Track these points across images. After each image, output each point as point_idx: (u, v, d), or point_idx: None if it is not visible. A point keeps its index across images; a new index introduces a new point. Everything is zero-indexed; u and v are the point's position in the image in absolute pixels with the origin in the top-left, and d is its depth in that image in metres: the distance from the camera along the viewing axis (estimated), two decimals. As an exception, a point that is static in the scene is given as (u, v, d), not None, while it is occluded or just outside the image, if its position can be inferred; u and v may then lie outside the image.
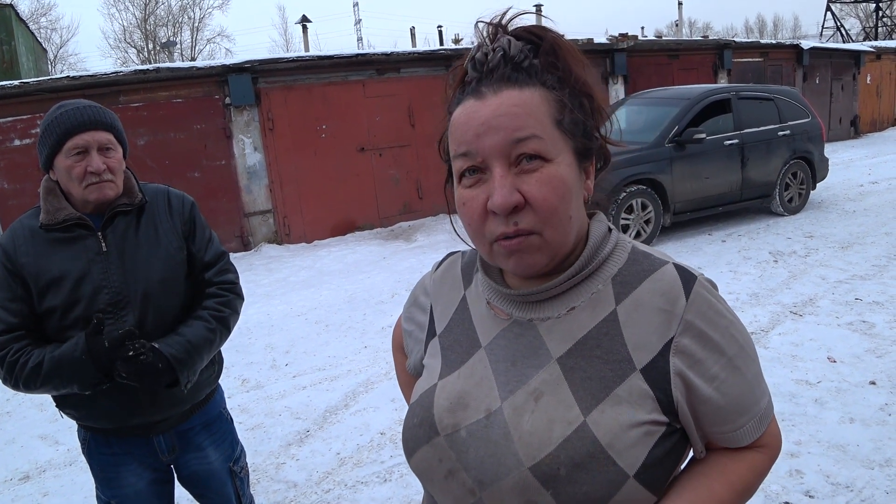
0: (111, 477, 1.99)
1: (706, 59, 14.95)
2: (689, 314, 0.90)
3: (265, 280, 7.80)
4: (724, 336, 0.92)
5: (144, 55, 39.14)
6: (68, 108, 1.81)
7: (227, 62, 9.36)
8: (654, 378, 0.89)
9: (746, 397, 0.94)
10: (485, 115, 0.89)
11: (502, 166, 0.88)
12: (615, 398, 0.88)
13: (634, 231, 7.74)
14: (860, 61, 18.36)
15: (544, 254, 0.91)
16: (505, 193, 0.86)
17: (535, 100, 0.89)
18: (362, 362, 5.00)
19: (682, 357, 0.89)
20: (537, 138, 0.88)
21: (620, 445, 0.85)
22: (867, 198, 9.94)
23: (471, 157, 0.90)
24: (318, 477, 3.48)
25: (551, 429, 0.87)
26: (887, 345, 4.59)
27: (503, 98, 0.89)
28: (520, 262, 0.91)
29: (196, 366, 1.91)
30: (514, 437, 0.89)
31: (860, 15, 47.89)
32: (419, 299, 1.18)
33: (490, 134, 0.88)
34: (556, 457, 0.85)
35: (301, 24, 18.39)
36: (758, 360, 0.97)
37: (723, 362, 0.91)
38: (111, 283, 1.84)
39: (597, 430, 0.86)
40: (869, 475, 3.13)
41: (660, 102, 8.79)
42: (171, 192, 2.05)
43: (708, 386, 0.90)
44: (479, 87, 0.91)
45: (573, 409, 0.88)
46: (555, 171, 0.88)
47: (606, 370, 0.90)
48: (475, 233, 0.93)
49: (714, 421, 0.93)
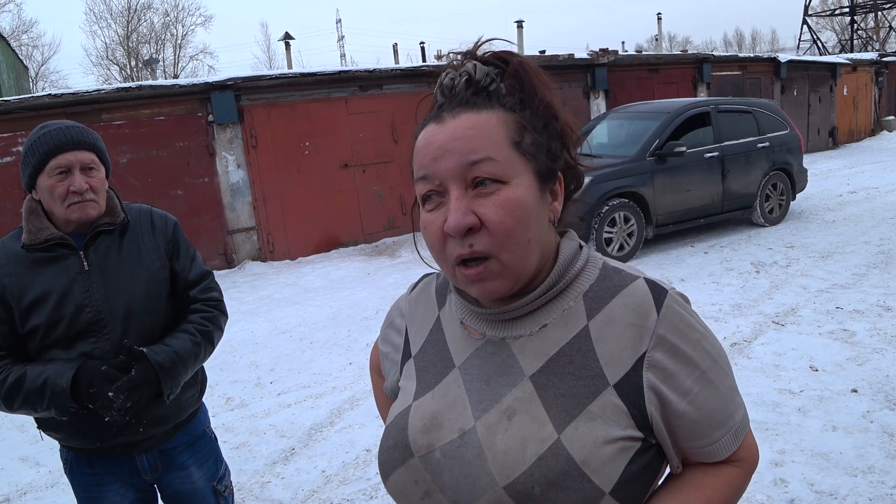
0: (94, 497, 1.97)
1: (686, 72, 15.14)
2: (661, 328, 0.90)
3: (249, 297, 7.76)
4: (696, 349, 0.92)
5: (127, 72, 39.00)
6: (51, 129, 1.82)
7: (210, 79, 9.34)
8: (627, 393, 0.89)
9: (721, 411, 0.93)
10: (441, 139, 0.90)
11: (458, 189, 0.88)
12: (588, 414, 0.88)
13: (617, 244, 7.79)
14: (836, 73, 18.66)
15: (505, 279, 0.91)
16: (458, 216, 0.87)
17: (492, 122, 0.90)
18: (347, 379, 4.98)
19: (654, 371, 0.89)
20: (491, 161, 0.88)
21: (595, 462, 0.85)
22: (846, 207, 10.07)
23: (429, 181, 0.91)
24: (303, 495, 3.46)
25: (525, 447, 0.87)
26: (868, 353, 4.64)
27: (459, 121, 0.90)
28: (483, 290, 0.92)
29: (180, 378, 1.90)
30: (488, 457, 0.88)
31: (836, 28, 48.69)
32: (395, 321, 1.19)
33: (446, 157, 0.89)
34: (530, 475, 0.85)
35: (284, 41, 18.43)
36: (731, 373, 0.97)
37: (696, 376, 0.91)
38: (93, 302, 1.84)
39: (571, 447, 0.86)
40: (852, 482, 3.15)
41: (640, 116, 8.87)
42: (153, 211, 2.05)
43: (682, 400, 0.90)
44: (440, 113, 0.92)
45: (546, 427, 0.88)
46: (511, 194, 0.88)
47: (579, 386, 0.90)
48: (437, 255, 0.93)
49: (689, 435, 0.92)
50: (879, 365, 4.42)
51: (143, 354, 1.80)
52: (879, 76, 20.92)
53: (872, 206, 10.02)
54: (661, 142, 8.15)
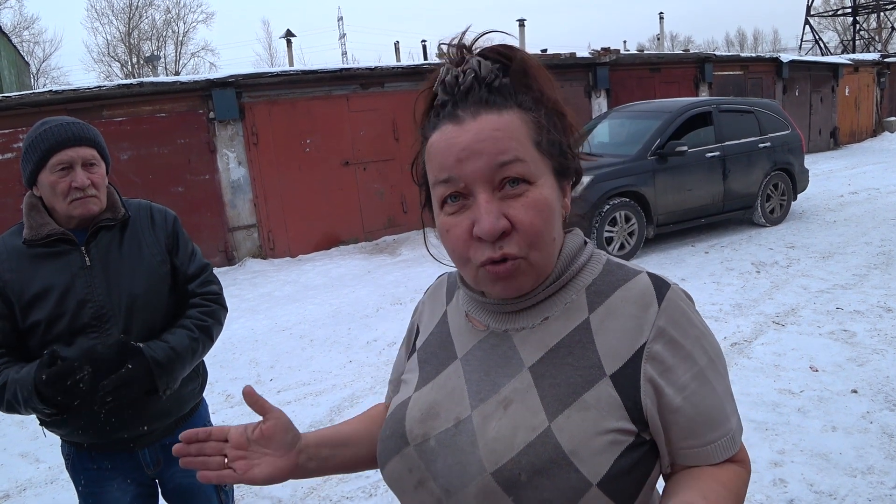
0: (96, 492, 1.98)
1: (687, 72, 15.12)
2: (662, 320, 0.90)
3: (249, 295, 7.76)
4: (694, 346, 0.91)
5: (128, 69, 39.00)
6: (52, 125, 1.83)
7: (212, 76, 9.33)
8: (623, 385, 0.88)
9: (717, 411, 0.91)
10: (466, 141, 0.87)
11: (486, 192, 0.87)
12: (582, 404, 0.87)
13: (618, 243, 7.79)
14: (838, 74, 18.64)
15: (530, 277, 0.91)
16: (492, 220, 0.85)
17: (515, 122, 0.88)
18: (347, 377, 4.98)
19: (653, 363, 0.89)
20: (521, 161, 0.87)
21: (584, 452, 0.84)
22: (847, 208, 10.07)
23: (453, 184, 0.88)
24: (302, 493, 3.46)
25: (515, 434, 0.87)
26: (868, 353, 4.64)
27: (483, 122, 0.88)
28: (507, 287, 0.91)
29: (177, 373, 1.90)
30: (480, 444, 0.88)
31: (838, 28, 48.63)
32: (410, 327, 1.19)
33: (472, 159, 0.86)
34: (517, 462, 0.85)
35: (285, 38, 18.43)
36: (727, 378, 0.95)
37: (694, 371, 0.90)
38: (95, 297, 1.85)
39: (560, 435, 0.85)
40: (852, 483, 3.16)
41: (642, 116, 8.87)
42: (153, 206, 2.06)
43: (678, 395, 0.89)
44: (455, 112, 0.90)
45: (539, 415, 0.87)
46: (539, 195, 0.88)
47: (576, 376, 0.89)
48: (460, 259, 0.92)
49: (683, 433, 0.90)
50: (879, 366, 4.43)
51: (139, 350, 1.80)
52: (881, 77, 20.91)
53: (873, 206, 10.03)
54: (662, 141, 8.15)
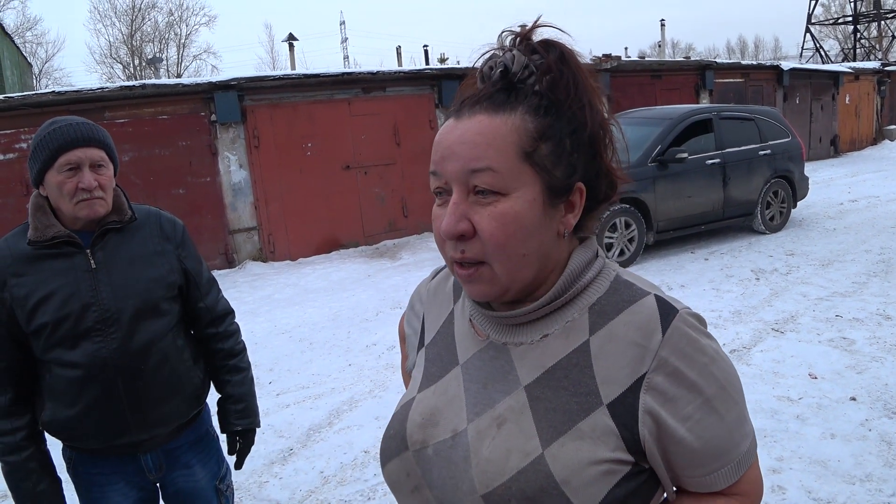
0: (97, 497, 1.97)
1: (688, 79, 15.15)
2: (665, 350, 0.86)
3: (249, 297, 7.77)
4: (701, 375, 0.87)
5: (130, 71, 39.07)
6: (61, 125, 1.80)
7: (214, 79, 9.35)
8: (620, 414, 0.86)
9: (724, 440, 0.88)
10: (450, 140, 0.88)
11: (459, 192, 0.87)
12: (577, 432, 0.86)
13: (618, 249, 7.80)
14: (839, 82, 18.68)
15: (495, 286, 0.90)
16: (452, 221, 0.86)
17: (504, 129, 0.86)
18: (346, 380, 4.98)
19: (653, 395, 0.86)
20: (491, 171, 0.85)
21: (577, 482, 0.83)
22: (847, 216, 10.08)
23: (438, 178, 0.90)
24: (301, 496, 3.46)
25: (508, 458, 0.86)
26: (867, 361, 4.65)
27: (471, 123, 0.87)
28: (472, 290, 0.92)
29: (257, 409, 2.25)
30: (473, 463, 0.88)
31: (839, 37, 48.74)
32: (415, 306, 1.18)
33: (451, 159, 0.87)
34: (508, 488, 0.84)
35: (288, 42, 18.48)
36: (742, 402, 0.92)
37: (698, 402, 0.86)
38: (100, 301, 1.82)
39: (553, 464, 0.84)
40: (850, 490, 3.16)
41: (643, 122, 8.86)
42: (162, 214, 2.04)
43: (681, 426, 0.86)
44: (461, 108, 0.90)
45: (532, 441, 0.86)
46: (507, 208, 0.85)
47: (572, 402, 0.87)
48: (440, 249, 0.93)
49: (686, 463, 0.88)
50: (878, 373, 4.43)
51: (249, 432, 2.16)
52: (882, 85, 20.96)
53: (873, 214, 10.04)
54: (662, 148, 8.16)
